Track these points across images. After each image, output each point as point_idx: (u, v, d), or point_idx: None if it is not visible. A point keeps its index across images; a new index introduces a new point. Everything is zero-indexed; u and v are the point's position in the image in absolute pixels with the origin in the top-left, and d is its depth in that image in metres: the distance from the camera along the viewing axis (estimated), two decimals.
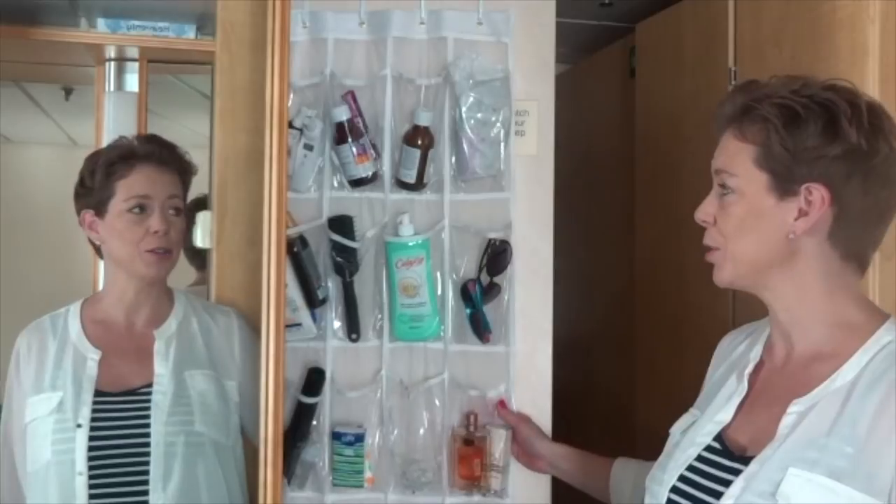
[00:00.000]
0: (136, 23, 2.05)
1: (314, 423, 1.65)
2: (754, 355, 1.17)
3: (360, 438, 1.64)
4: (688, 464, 1.12)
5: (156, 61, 2.17)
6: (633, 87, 2.30)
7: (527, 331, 1.70)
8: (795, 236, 1.05)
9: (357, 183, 1.66)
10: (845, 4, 1.50)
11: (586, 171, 2.56)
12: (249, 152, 1.63)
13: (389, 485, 1.67)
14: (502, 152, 1.68)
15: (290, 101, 1.55)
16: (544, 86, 1.73)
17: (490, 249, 1.67)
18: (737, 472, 1.05)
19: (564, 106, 1.81)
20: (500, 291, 1.68)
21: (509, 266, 1.68)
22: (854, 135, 1.02)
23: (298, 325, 1.63)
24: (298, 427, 1.63)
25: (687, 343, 1.97)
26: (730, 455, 1.08)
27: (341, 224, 1.65)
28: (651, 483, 1.18)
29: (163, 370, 1.48)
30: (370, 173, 1.66)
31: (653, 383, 2.15)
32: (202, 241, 1.94)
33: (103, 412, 1.43)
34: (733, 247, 1.09)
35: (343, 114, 1.63)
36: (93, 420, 1.41)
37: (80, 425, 1.41)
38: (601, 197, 2.54)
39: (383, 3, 1.68)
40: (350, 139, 1.63)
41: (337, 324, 1.68)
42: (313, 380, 1.65)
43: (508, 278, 1.68)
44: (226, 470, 1.48)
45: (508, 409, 1.67)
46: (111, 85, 2.17)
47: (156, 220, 1.47)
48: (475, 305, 1.66)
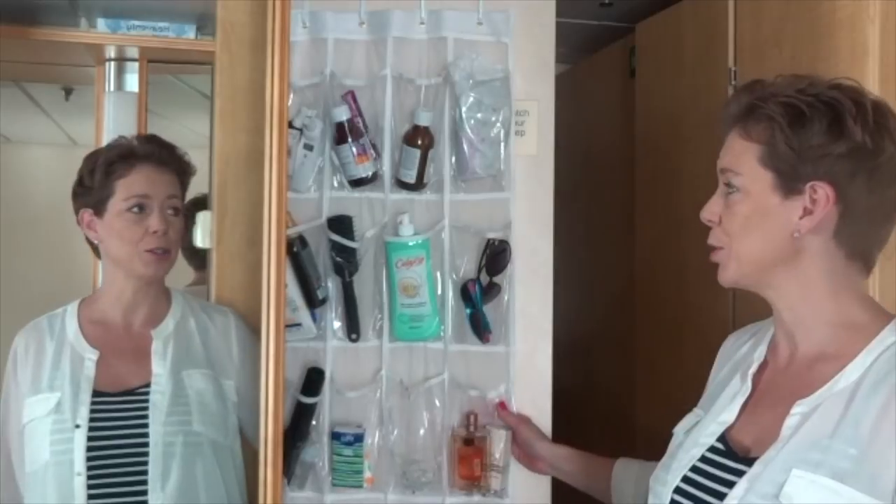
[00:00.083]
0: (136, 23, 2.04)
1: (313, 423, 1.65)
2: (758, 355, 1.17)
3: (359, 438, 1.64)
4: (691, 464, 1.12)
5: (156, 61, 2.16)
6: (633, 87, 2.30)
7: (527, 331, 1.70)
8: (800, 235, 1.05)
9: (357, 183, 1.66)
10: (845, 4, 1.49)
11: (586, 171, 2.55)
12: (249, 152, 1.62)
13: (389, 485, 1.67)
14: (502, 152, 1.68)
15: (290, 101, 1.55)
16: (544, 86, 1.73)
17: (490, 249, 1.67)
18: (740, 474, 1.04)
19: (564, 106, 1.80)
20: (500, 291, 1.68)
21: (509, 266, 1.68)
22: (859, 133, 1.02)
23: (298, 325, 1.63)
24: (298, 427, 1.63)
25: (687, 343, 1.97)
26: (733, 456, 1.08)
27: (340, 224, 1.65)
28: (654, 483, 1.18)
29: (161, 370, 1.48)
30: (370, 173, 1.66)
31: (653, 383, 2.15)
32: (202, 241, 1.94)
33: (101, 412, 1.43)
34: (738, 246, 1.09)
35: (343, 114, 1.63)
36: (91, 420, 1.41)
37: (78, 426, 1.41)
38: (601, 197, 2.54)
39: (383, 3, 1.68)
40: (350, 139, 1.63)
41: (337, 324, 1.68)
42: (312, 380, 1.65)
43: (508, 278, 1.68)
44: (224, 469, 1.48)
45: (508, 411, 1.67)
46: (111, 85, 2.17)
47: (155, 220, 1.47)
48: (475, 305, 1.66)
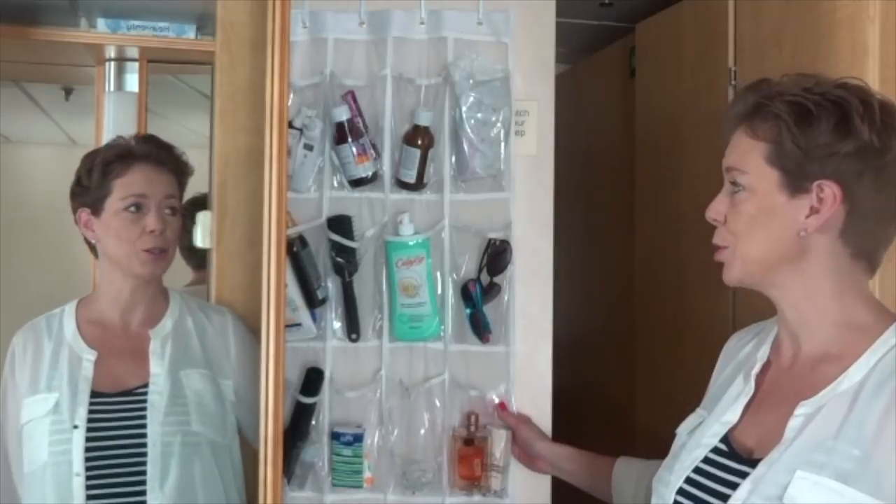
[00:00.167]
0: (136, 23, 2.04)
1: (313, 423, 1.65)
2: (761, 355, 1.16)
3: (358, 438, 1.64)
4: (694, 465, 1.12)
5: (156, 61, 2.16)
6: (633, 87, 2.30)
7: (527, 331, 1.70)
8: (807, 234, 1.05)
9: (357, 183, 1.66)
10: (845, 4, 1.49)
11: (586, 171, 2.55)
12: (249, 152, 1.62)
13: (389, 485, 1.67)
14: (502, 152, 1.68)
15: (290, 101, 1.55)
16: (544, 86, 1.73)
17: (490, 249, 1.67)
18: (744, 475, 1.04)
19: (564, 106, 1.80)
20: (500, 291, 1.68)
21: (509, 266, 1.68)
22: (866, 132, 1.02)
23: (298, 325, 1.63)
24: (297, 427, 1.62)
25: (687, 343, 1.97)
26: (736, 457, 1.08)
27: (340, 224, 1.65)
28: (657, 484, 1.17)
29: (159, 370, 1.47)
30: (370, 173, 1.65)
31: (653, 383, 2.15)
32: (202, 240, 1.93)
33: (100, 413, 1.43)
34: (743, 245, 1.09)
35: (343, 114, 1.63)
36: (89, 421, 1.41)
37: (76, 426, 1.40)
38: (601, 197, 2.54)
39: (383, 3, 1.68)
40: (350, 139, 1.63)
41: (337, 324, 1.68)
42: (312, 379, 1.65)
43: (508, 278, 1.68)
44: (222, 469, 1.48)
45: (508, 411, 1.67)
46: (111, 85, 2.16)
47: (152, 220, 1.47)
48: (475, 305, 1.66)
